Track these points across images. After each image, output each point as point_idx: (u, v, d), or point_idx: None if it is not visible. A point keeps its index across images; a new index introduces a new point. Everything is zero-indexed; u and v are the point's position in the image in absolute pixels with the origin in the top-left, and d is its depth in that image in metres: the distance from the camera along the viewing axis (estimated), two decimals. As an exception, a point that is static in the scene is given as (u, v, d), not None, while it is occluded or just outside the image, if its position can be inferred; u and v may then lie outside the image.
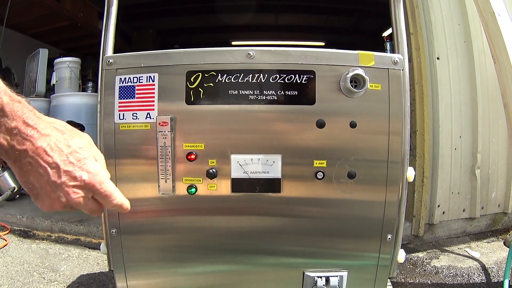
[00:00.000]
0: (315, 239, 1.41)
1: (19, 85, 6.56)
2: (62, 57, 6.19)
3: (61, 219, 4.11)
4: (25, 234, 4.05)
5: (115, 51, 1.44)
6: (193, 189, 1.37)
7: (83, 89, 6.35)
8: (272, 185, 1.35)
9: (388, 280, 1.82)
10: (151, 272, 1.53)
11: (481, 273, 2.77)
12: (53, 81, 5.97)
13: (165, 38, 7.43)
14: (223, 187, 1.37)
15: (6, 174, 4.80)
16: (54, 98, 5.95)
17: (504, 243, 2.80)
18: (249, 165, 1.34)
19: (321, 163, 1.33)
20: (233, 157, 1.34)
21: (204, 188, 1.38)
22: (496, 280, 2.66)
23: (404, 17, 1.44)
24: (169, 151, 1.34)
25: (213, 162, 1.35)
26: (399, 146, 1.34)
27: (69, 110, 5.76)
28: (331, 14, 6.35)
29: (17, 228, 4.13)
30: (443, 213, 3.42)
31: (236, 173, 1.34)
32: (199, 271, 1.52)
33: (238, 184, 1.36)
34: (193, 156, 1.35)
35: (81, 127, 5.27)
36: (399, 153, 1.35)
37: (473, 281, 2.70)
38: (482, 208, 3.50)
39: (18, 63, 6.49)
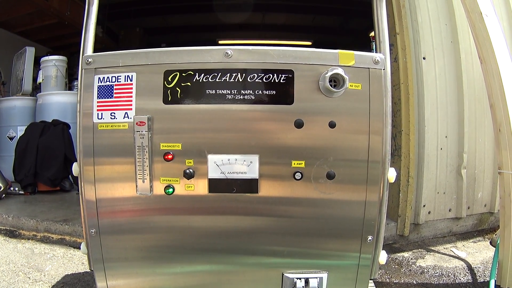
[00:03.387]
0: (294, 239, 1.41)
1: (6, 83, 6.53)
2: (49, 55, 6.16)
3: (46, 219, 4.11)
4: (11, 233, 4.05)
5: (102, 50, 1.43)
6: (171, 189, 1.36)
7: (69, 87, 6.33)
8: (250, 185, 1.34)
9: (371, 281, 1.82)
10: (130, 272, 1.52)
11: (467, 273, 2.78)
12: (39, 80, 5.97)
13: (152, 37, 7.43)
14: (200, 187, 1.36)
15: None
16: (41, 97, 5.94)
17: (491, 243, 2.81)
18: (226, 165, 1.33)
19: (299, 164, 1.32)
20: (210, 157, 1.34)
21: (181, 188, 1.37)
22: (482, 280, 2.67)
23: (386, 17, 1.43)
24: (146, 151, 1.33)
25: (190, 162, 1.35)
26: (379, 146, 1.34)
27: (55, 109, 5.76)
28: (318, 13, 6.38)
29: (2, 227, 4.13)
30: (429, 213, 3.42)
31: (213, 173, 1.34)
32: (178, 271, 1.51)
33: (215, 185, 1.35)
34: (170, 156, 1.34)
35: (66, 126, 5.26)
36: (379, 153, 1.34)
37: (459, 281, 2.70)
38: (469, 208, 3.50)
39: (5, 61, 6.46)
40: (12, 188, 5.14)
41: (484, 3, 2.42)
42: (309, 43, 6.84)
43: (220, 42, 6.69)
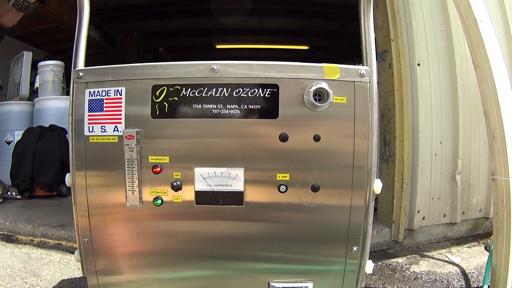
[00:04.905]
0: (279, 248, 1.43)
1: (3, 88, 6.54)
2: (46, 60, 6.17)
3: (43, 224, 4.13)
4: (8, 238, 4.07)
5: (99, 54, 1.46)
6: (159, 201, 1.39)
7: (66, 92, 6.33)
8: (235, 197, 1.36)
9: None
10: (122, 279, 1.55)
11: (461, 278, 2.80)
12: (37, 85, 5.98)
13: (150, 41, 7.46)
14: (187, 199, 1.39)
15: None
16: (38, 102, 5.95)
17: (485, 248, 2.82)
18: (212, 178, 1.35)
19: (284, 176, 1.34)
20: (197, 170, 1.36)
21: (169, 200, 1.39)
22: (476, 285, 2.69)
23: (374, 29, 1.44)
24: (135, 164, 1.36)
25: (178, 175, 1.37)
26: (364, 160, 1.35)
27: (51, 114, 5.77)
28: (315, 18, 6.40)
29: (0, 232, 4.15)
30: (423, 218, 3.44)
31: (200, 185, 1.36)
32: (168, 277, 1.53)
33: (201, 197, 1.37)
34: (158, 169, 1.37)
35: (63, 131, 5.27)
36: (364, 167, 1.36)
37: (452, 286, 2.72)
38: (463, 213, 3.52)
39: (2, 66, 6.47)
40: (9, 193, 5.15)
41: (478, 9, 2.43)
42: (306, 47, 6.86)
43: (218, 46, 6.72)
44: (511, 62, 3.29)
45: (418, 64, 3.29)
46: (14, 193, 5.23)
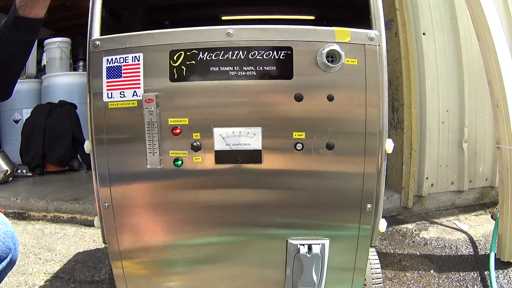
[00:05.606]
0: (297, 204, 1.47)
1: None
2: (52, 37, 6.16)
3: (56, 199, 4.13)
4: (20, 216, 4.06)
5: (104, 30, 1.49)
6: (179, 162, 1.42)
7: (74, 68, 6.34)
8: (253, 156, 1.40)
9: (372, 248, 1.88)
10: (143, 244, 1.59)
11: (469, 245, 2.83)
12: (44, 62, 5.98)
13: (155, 15, 7.40)
14: (207, 159, 1.42)
15: None
16: (45, 79, 5.95)
17: (492, 217, 2.87)
18: (231, 137, 1.39)
19: (300, 135, 1.38)
20: (216, 130, 1.39)
21: (189, 161, 1.43)
22: (483, 253, 2.72)
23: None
24: (155, 126, 1.39)
25: (197, 136, 1.40)
26: (376, 118, 1.39)
27: (60, 90, 5.77)
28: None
29: (11, 210, 4.14)
30: (432, 185, 3.49)
31: (219, 145, 1.40)
32: (188, 244, 1.58)
33: (221, 156, 1.41)
34: (178, 131, 1.40)
35: (73, 106, 5.28)
36: (376, 125, 1.39)
37: (461, 253, 2.76)
38: (470, 181, 3.56)
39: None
40: (19, 171, 5.14)
41: (479, -20, 2.46)
42: (312, 17, 6.80)
43: (224, 18, 6.66)
44: (510, 33, 3.29)
45: (423, 34, 3.31)
46: (24, 171, 5.24)
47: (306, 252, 1.48)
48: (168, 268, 1.64)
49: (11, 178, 4.95)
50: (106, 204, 1.51)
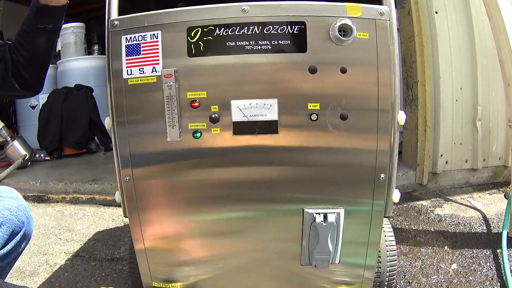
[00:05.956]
0: (312, 174, 1.51)
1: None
2: (66, 23, 6.21)
3: (74, 180, 4.21)
4: (39, 199, 4.13)
5: (120, 12, 1.53)
6: (198, 134, 1.47)
7: (89, 52, 6.37)
8: (270, 126, 1.44)
9: (387, 220, 1.92)
10: (163, 218, 1.65)
11: (482, 223, 2.86)
12: (59, 47, 6.00)
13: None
14: (225, 131, 1.47)
15: (16, 142, 4.88)
16: (61, 64, 5.99)
17: (504, 196, 2.88)
18: (248, 109, 1.43)
19: (314, 106, 1.42)
20: (233, 102, 1.43)
21: (208, 133, 1.47)
22: (496, 231, 2.75)
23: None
24: (174, 100, 1.43)
25: (215, 108, 1.45)
26: (388, 90, 1.42)
27: (76, 74, 5.80)
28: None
29: (30, 194, 4.20)
30: (446, 162, 3.53)
31: (237, 117, 1.44)
32: (207, 219, 1.64)
33: (239, 127, 1.45)
34: (196, 104, 1.45)
35: (89, 89, 5.33)
36: (388, 97, 1.42)
37: (474, 230, 2.79)
38: (484, 160, 3.58)
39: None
40: (37, 155, 5.20)
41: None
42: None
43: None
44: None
45: (436, 12, 3.32)
46: (42, 155, 5.30)
47: (321, 221, 1.52)
48: (188, 241, 1.69)
49: (29, 163, 5.02)
50: (127, 178, 1.56)
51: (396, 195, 1.56)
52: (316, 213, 1.53)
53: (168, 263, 1.74)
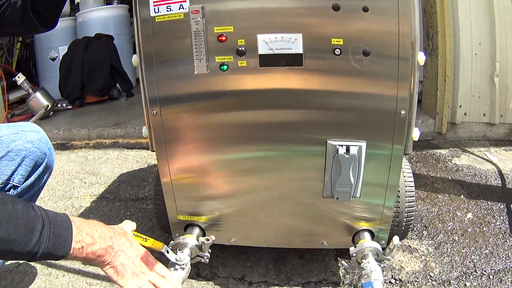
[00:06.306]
0: (335, 105, 1.54)
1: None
2: (85, -27, 6.16)
3: (97, 126, 4.27)
4: (63, 146, 4.20)
5: None
6: (225, 66, 1.50)
7: (107, 2, 6.35)
8: (295, 59, 1.47)
9: (407, 161, 1.96)
10: (189, 153, 1.70)
11: (498, 177, 2.89)
12: (77, 0, 5.98)
13: None
14: (251, 63, 1.50)
15: (38, 94, 4.93)
16: (80, 15, 5.99)
17: (521, 153, 2.91)
18: (274, 42, 1.45)
19: (338, 41, 1.44)
20: (259, 36, 1.46)
21: (235, 65, 1.51)
22: (510, 187, 2.78)
23: None
24: (201, 35, 1.47)
25: (242, 42, 1.48)
26: (408, 28, 1.42)
27: (96, 24, 5.82)
28: None
29: (53, 142, 4.22)
30: (465, 114, 3.57)
31: (263, 50, 1.47)
32: (231, 157, 1.70)
33: (265, 59, 1.48)
34: (223, 38, 1.48)
35: (110, 38, 5.33)
36: (409, 34, 1.43)
37: (490, 183, 2.82)
38: (501, 116, 3.59)
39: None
40: (59, 105, 5.25)
41: None
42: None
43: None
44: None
45: (454, -36, 3.31)
46: (64, 104, 5.35)
47: (344, 153, 1.56)
48: (212, 177, 1.75)
49: (51, 113, 5.10)
50: (154, 112, 1.61)
51: (416, 133, 1.59)
52: (339, 145, 1.57)
53: (193, 197, 1.80)
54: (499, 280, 1.91)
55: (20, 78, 4.84)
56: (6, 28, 1.75)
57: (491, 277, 1.94)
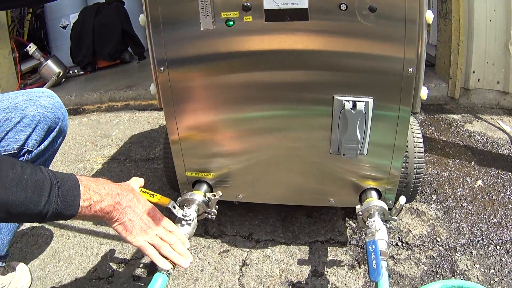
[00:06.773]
0: (342, 62, 1.53)
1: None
2: None
3: (109, 89, 4.29)
4: (75, 111, 4.23)
5: None
6: (231, 22, 1.50)
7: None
8: (300, 14, 1.45)
9: (416, 121, 1.95)
10: (197, 112, 1.72)
11: (510, 146, 2.87)
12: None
13: None
14: (257, 18, 1.49)
15: (49, 62, 4.92)
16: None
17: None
18: (279, -3, 1.45)
19: (344, -4, 1.42)
20: (265, -9, 1.45)
21: (241, 20, 1.50)
22: (522, 158, 2.76)
23: None
24: (207, -10, 1.47)
25: (247, -3, 1.47)
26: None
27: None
28: None
29: (66, 108, 4.28)
30: (478, 80, 3.53)
31: (268, 5, 1.45)
32: (237, 117, 1.71)
33: (270, 14, 1.47)
34: (229, -6, 1.47)
35: (121, 2, 5.33)
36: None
37: (501, 152, 2.81)
38: (516, 85, 3.56)
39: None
40: (71, 71, 5.28)
41: None
42: None
43: None
44: None
45: None
46: (76, 70, 5.39)
47: (350, 108, 1.56)
48: (220, 135, 1.77)
49: (63, 80, 5.13)
50: (161, 69, 1.62)
51: (424, 91, 1.57)
52: (346, 100, 1.56)
53: (201, 154, 1.82)
54: (506, 251, 1.91)
55: (32, 48, 4.83)
56: (18, 0, 1.76)
57: (498, 247, 1.94)
